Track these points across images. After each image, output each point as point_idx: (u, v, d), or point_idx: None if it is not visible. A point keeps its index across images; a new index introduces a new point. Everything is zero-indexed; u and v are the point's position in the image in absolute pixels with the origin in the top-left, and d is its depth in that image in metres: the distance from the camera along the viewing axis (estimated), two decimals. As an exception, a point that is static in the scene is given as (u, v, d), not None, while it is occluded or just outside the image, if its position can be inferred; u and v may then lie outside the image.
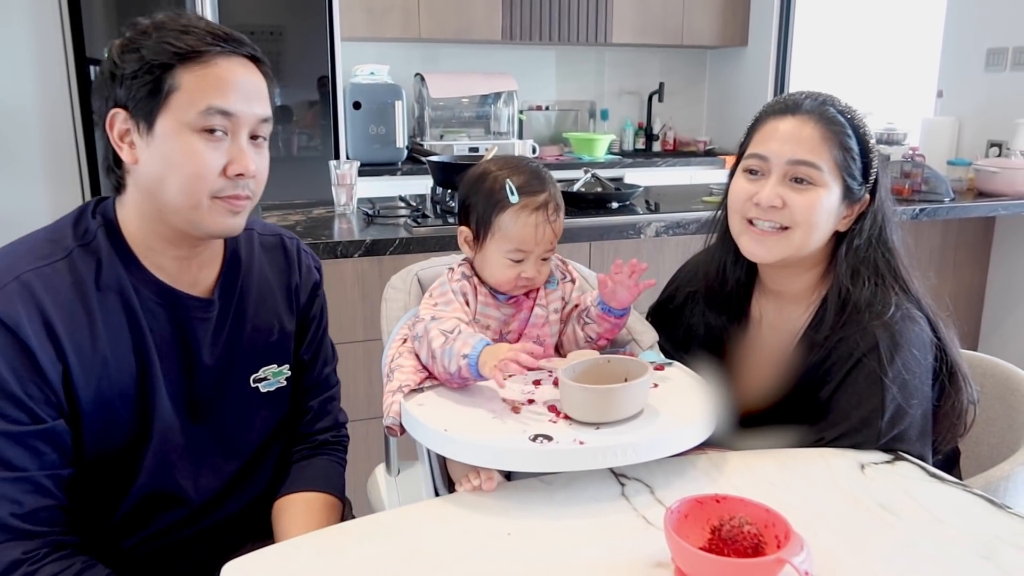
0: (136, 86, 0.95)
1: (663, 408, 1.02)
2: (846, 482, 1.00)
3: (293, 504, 1.16)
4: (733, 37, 4.33)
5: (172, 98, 0.95)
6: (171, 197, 0.97)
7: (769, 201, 1.14)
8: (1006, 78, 3.17)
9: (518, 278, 1.14)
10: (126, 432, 1.02)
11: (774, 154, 1.15)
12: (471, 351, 1.03)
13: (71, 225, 1.01)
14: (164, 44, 0.95)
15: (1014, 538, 0.88)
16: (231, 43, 0.99)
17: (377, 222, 2.27)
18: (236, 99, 0.97)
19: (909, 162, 2.83)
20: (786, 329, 1.24)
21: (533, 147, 3.98)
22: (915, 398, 1.09)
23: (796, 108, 1.17)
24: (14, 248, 0.99)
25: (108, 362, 0.98)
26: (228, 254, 1.11)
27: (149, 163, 0.97)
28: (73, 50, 2.88)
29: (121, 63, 0.96)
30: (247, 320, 1.12)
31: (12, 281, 0.93)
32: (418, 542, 0.88)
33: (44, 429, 0.94)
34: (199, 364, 1.07)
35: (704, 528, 0.82)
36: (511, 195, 1.11)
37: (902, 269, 1.18)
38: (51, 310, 0.93)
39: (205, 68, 0.96)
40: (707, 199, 2.69)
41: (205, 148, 0.96)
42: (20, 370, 0.91)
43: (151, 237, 1.02)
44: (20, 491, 0.93)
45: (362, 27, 3.63)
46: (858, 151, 1.16)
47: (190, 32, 0.96)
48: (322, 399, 1.25)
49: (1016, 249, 3.17)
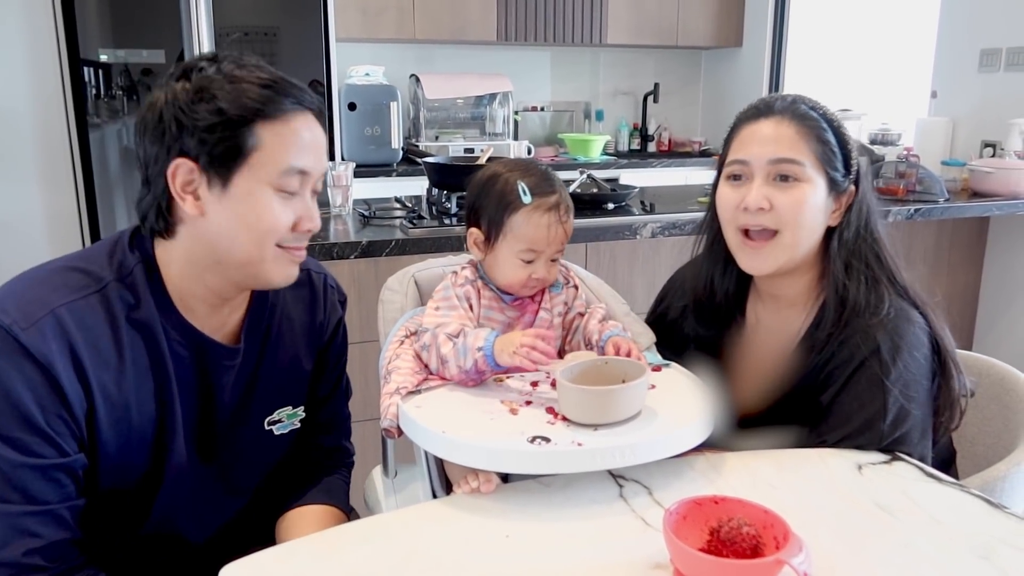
0: (212, 140, 0.92)
1: (661, 409, 1.02)
2: (844, 483, 1.00)
3: (297, 515, 1.15)
4: (728, 38, 4.34)
5: (253, 156, 0.93)
6: (240, 252, 0.96)
7: (756, 203, 1.14)
8: (1000, 79, 3.18)
9: (529, 279, 1.15)
10: (140, 470, 1.01)
11: (755, 157, 1.15)
12: (484, 343, 1.05)
13: (106, 256, 0.98)
14: (245, 99, 0.92)
15: (1011, 538, 0.88)
16: (305, 100, 0.97)
17: (373, 223, 2.26)
18: (311, 157, 0.97)
19: (904, 162, 2.84)
20: (784, 332, 1.24)
21: (529, 148, 3.99)
22: (916, 400, 1.10)
23: (768, 110, 1.17)
24: (47, 277, 0.95)
25: (131, 405, 0.97)
26: (255, 296, 1.09)
27: (219, 218, 0.95)
28: (67, 51, 2.87)
29: (191, 112, 0.92)
30: (268, 363, 1.10)
31: (46, 315, 0.90)
32: (416, 544, 0.88)
33: (67, 462, 0.93)
34: (218, 407, 1.06)
35: (703, 529, 0.82)
36: (524, 196, 1.12)
37: (889, 259, 1.18)
38: (82, 348, 0.91)
39: (285, 126, 0.94)
40: (702, 199, 2.70)
41: (280, 206, 0.96)
42: (48, 406, 0.90)
43: (194, 284, 1.00)
44: (40, 524, 0.91)
45: (357, 28, 3.62)
46: (836, 143, 1.16)
47: (270, 86, 0.94)
48: (334, 436, 1.25)
49: (1010, 249, 3.19)
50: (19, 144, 2.86)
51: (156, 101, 0.94)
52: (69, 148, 2.93)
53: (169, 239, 0.99)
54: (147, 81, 2.98)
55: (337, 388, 1.23)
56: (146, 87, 2.99)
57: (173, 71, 0.96)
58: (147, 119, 0.95)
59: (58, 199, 2.94)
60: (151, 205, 0.97)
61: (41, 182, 2.91)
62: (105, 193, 2.98)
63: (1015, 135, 3.01)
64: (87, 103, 2.92)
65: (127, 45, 2.94)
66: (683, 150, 4.55)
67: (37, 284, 0.94)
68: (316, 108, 0.99)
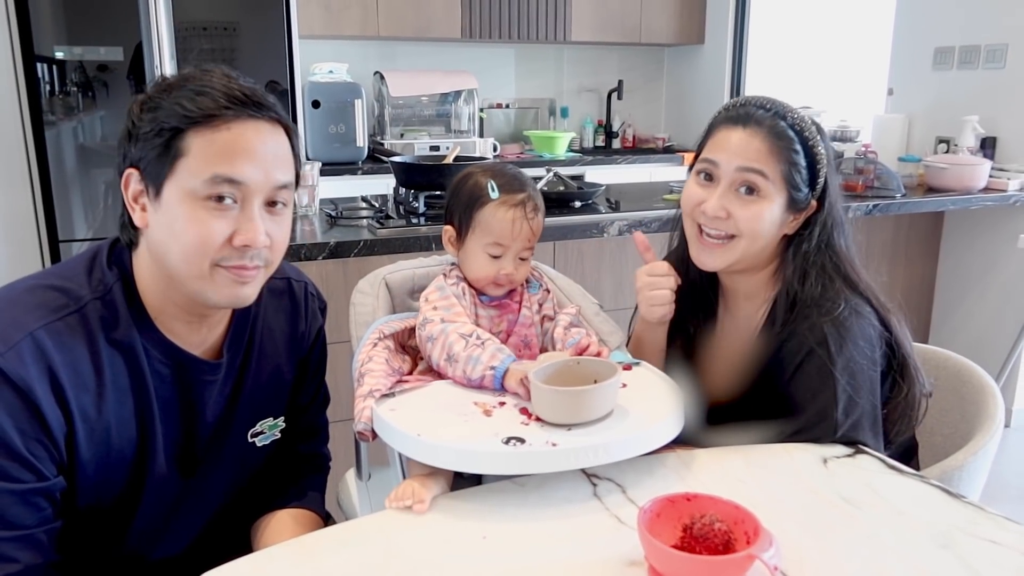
0: (147, 148, 0.91)
1: (632, 408, 1.04)
2: (809, 476, 1.03)
3: (274, 520, 1.15)
4: (690, 35, 4.39)
5: (179, 164, 0.90)
6: (174, 266, 0.93)
7: (714, 212, 1.18)
8: (953, 76, 3.27)
9: (497, 275, 1.18)
10: (119, 489, 0.99)
11: (724, 162, 1.19)
12: (499, 364, 1.08)
13: (85, 273, 0.96)
14: (176, 105, 0.90)
15: (969, 527, 0.91)
16: (250, 107, 0.93)
17: (340, 224, 2.25)
18: (247, 166, 0.91)
19: (862, 159, 2.91)
20: (744, 325, 1.28)
21: (494, 145, 3.99)
22: (864, 389, 1.13)
23: (747, 120, 1.19)
24: (22, 297, 0.93)
25: (111, 426, 0.95)
26: (236, 309, 1.07)
27: (156, 229, 0.93)
28: (21, 48, 2.80)
29: (139, 121, 0.92)
30: (250, 376, 1.09)
31: (24, 338, 0.88)
32: (394, 547, 0.88)
33: (46, 486, 0.91)
34: (200, 423, 1.04)
35: (676, 527, 0.84)
36: (492, 192, 1.17)
37: (850, 271, 1.21)
38: (61, 371, 0.89)
39: (215, 133, 0.90)
40: (668, 197, 2.73)
41: (209, 217, 0.91)
42: (28, 430, 0.88)
43: (163, 300, 0.98)
44: (17, 548, 0.90)
45: (320, 25, 3.59)
46: (805, 164, 1.19)
47: (205, 93, 0.91)
48: (312, 444, 1.24)
49: (964, 242, 3.28)
50: (-28, 144, 2.79)
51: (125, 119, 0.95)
52: (24, 146, 2.86)
53: (136, 251, 0.98)
54: (103, 78, 2.92)
55: (317, 396, 1.23)
56: (102, 83, 2.93)
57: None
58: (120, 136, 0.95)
59: (14, 198, 2.87)
60: (120, 215, 0.97)
61: (-4, 182, 2.84)
62: (62, 191, 2.91)
63: (968, 131, 3.10)
64: (41, 100, 2.85)
65: (83, 42, 2.88)
66: (647, 146, 4.59)
67: (13, 304, 0.92)
68: (268, 117, 0.94)
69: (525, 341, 1.21)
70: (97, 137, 2.99)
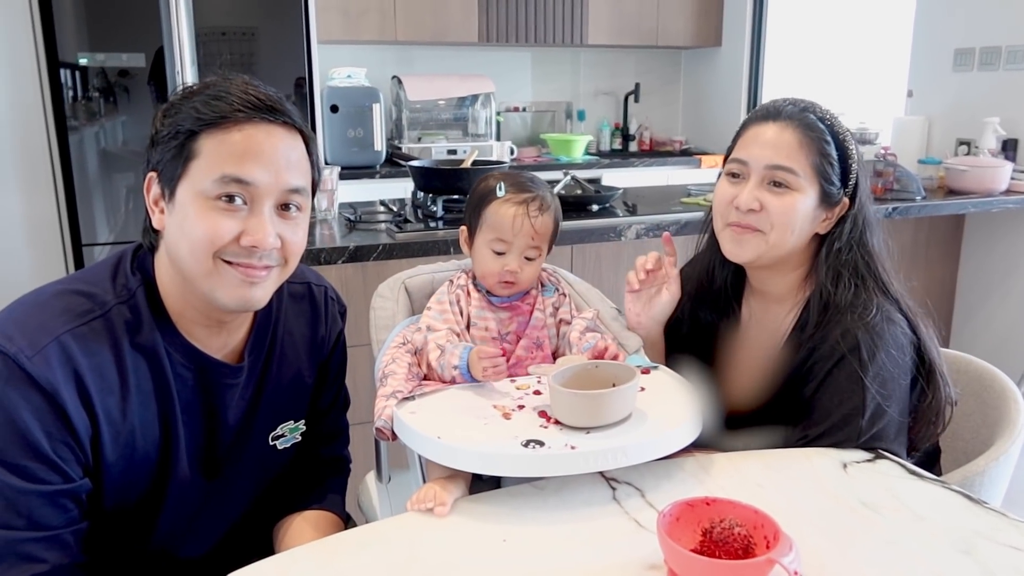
0: (164, 151, 0.94)
1: (651, 411, 1.05)
2: (830, 481, 1.03)
3: (296, 522, 1.16)
4: (707, 38, 4.38)
5: (191, 165, 0.93)
6: (185, 265, 0.95)
7: (747, 204, 1.18)
8: (973, 78, 3.24)
9: (502, 271, 1.20)
10: (144, 491, 1.01)
11: (754, 159, 1.19)
12: (459, 361, 1.11)
13: (109, 278, 0.98)
14: (192, 109, 0.93)
15: (991, 532, 0.91)
16: (264, 111, 0.94)
17: (359, 228, 2.27)
18: (256, 168, 0.93)
19: (882, 161, 2.89)
20: (773, 329, 1.27)
21: (511, 148, 4.00)
22: (893, 397, 1.13)
23: (777, 114, 1.20)
24: (49, 301, 0.95)
25: (135, 429, 0.97)
26: (258, 313, 1.08)
27: (170, 229, 0.95)
28: (46, 54, 2.85)
29: (161, 126, 0.95)
30: (271, 380, 1.10)
31: (52, 343, 0.90)
32: (415, 550, 0.89)
33: (72, 488, 0.93)
34: (222, 426, 1.06)
35: (695, 530, 0.84)
36: (499, 191, 1.21)
37: (882, 272, 1.21)
38: (87, 375, 0.91)
39: (226, 134, 0.92)
40: (685, 200, 2.73)
41: (218, 216, 0.92)
42: (54, 433, 0.90)
43: (183, 303, 1.00)
44: (44, 548, 0.91)
45: (338, 30, 3.62)
46: (837, 157, 1.19)
47: (221, 98, 0.93)
48: (333, 447, 1.26)
49: (985, 245, 3.25)
50: (-2, 149, 2.83)
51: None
52: (48, 152, 2.90)
53: (156, 255, 1.00)
54: (124, 83, 2.96)
55: (337, 399, 1.24)
56: (123, 89, 2.97)
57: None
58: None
59: (38, 203, 2.91)
60: (145, 220, 0.99)
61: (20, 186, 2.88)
62: (85, 195, 2.95)
63: (989, 133, 3.08)
64: (65, 106, 2.89)
65: (106, 49, 2.92)
66: (664, 149, 4.58)
67: (40, 310, 0.94)
68: (282, 121, 0.96)
69: (537, 343, 1.22)
70: (119, 142, 3.03)
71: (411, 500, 0.98)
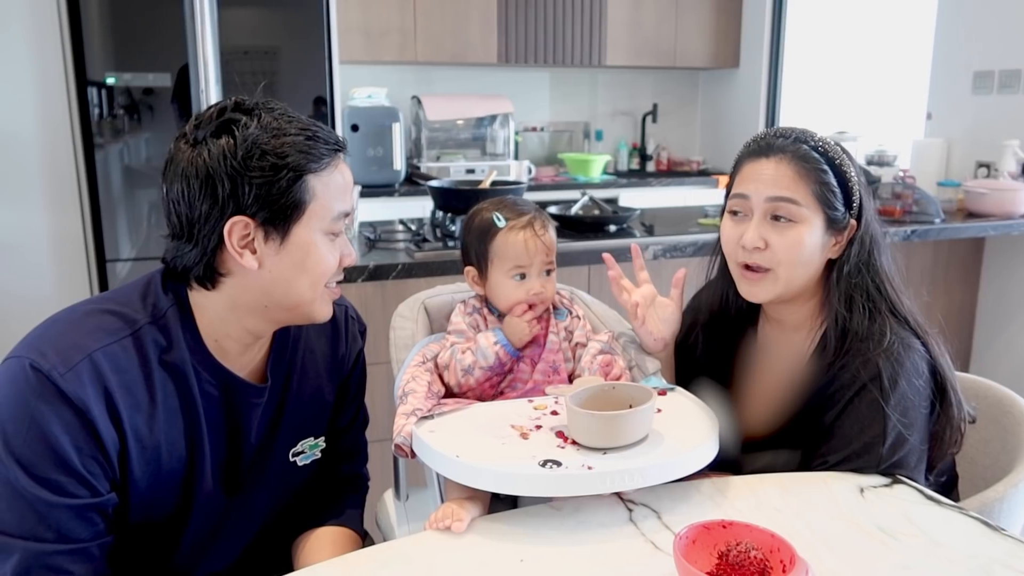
0: (271, 197, 0.95)
1: (668, 433, 1.05)
2: (847, 506, 1.03)
3: (315, 538, 1.17)
4: (725, 59, 4.40)
5: (308, 207, 0.98)
6: (295, 296, 1.01)
7: (752, 243, 1.19)
8: (993, 100, 3.23)
9: (528, 295, 1.23)
10: (169, 506, 1.03)
11: (754, 193, 1.19)
12: (497, 337, 1.20)
13: (140, 298, 1.01)
14: (295, 153, 0.96)
15: (1009, 560, 0.90)
16: (342, 147, 1.03)
17: (379, 246, 2.29)
18: (350, 198, 1.04)
19: (900, 184, 2.89)
20: (791, 356, 1.27)
21: (529, 168, 4.03)
22: (914, 426, 1.13)
23: (769, 149, 1.20)
24: (82, 320, 0.97)
25: (161, 445, 0.99)
26: (278, 332, 1.11)
27: (277, 268, 0.98)
28: (75, 73, 2.91)
29: (245, 170, 0.94)
30: (292, 397, 1.13)
31: (83, 360, 0.92)
32: (433, 569, 0.90)
33: (100, 502, 0.95)
34: (244, 443, 1.08)
35: (711, 553, 0.85)
36: (498, 221, 1.23)
37: (891, 292, 1.21)
38: (116, 392, 0.94)
39: (330, 175, 0.99)
40: (703, 221, 2.74)
41: (332, 247, 1.02)
42: (84, 448, 0.92)
43: (232, 327, 1.02)
44: (72, 561, 0.93)
45: (359, 50, 3.67)
46: (836, 182, 1.19)
47: (312, 137, 0.98)
48: (352, 464, 1.27)
49: (1006, 269, 3.22)
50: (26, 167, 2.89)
51: (197, 158, 0.94)
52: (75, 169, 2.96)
53: (210, 291, 1.00)
54: (148, 101, 3.02)
55: (356, 417, 1.26)
56: (147, 107, 3.03)
57: (204, 125, 0.96)
58: (188, 176, 0.94)
59: (64, 219, 2.96)
60: (198, 260, 0.98)
61: (48, 205, 2.93)
62: (109, 212, 3.00)
63: (1009, 156, 3.06)
64: (91, 124, 2.96)
65: (133, 68, 2.98)
66: (681, 169, 4.60)
67: (72, 328, 0.96)
68: (345, 148, 1.04)
69: (553, 367, 1.23)
70: (142, 159, 3.09)
71: (430, 520, 0.99)
